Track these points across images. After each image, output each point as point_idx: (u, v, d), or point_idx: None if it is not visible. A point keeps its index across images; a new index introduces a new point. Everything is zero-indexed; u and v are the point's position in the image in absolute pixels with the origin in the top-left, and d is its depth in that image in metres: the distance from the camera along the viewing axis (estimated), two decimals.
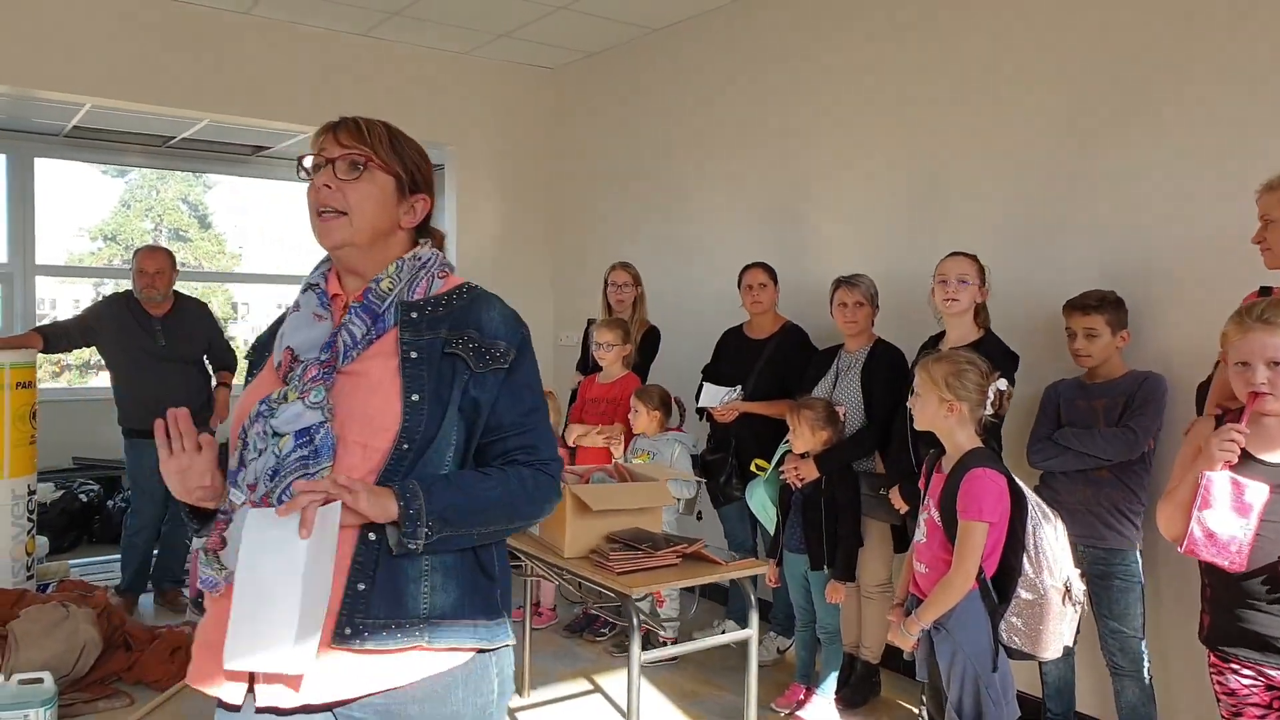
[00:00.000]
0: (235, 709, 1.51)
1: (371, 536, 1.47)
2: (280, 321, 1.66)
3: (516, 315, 1.63)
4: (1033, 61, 3.72)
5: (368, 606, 1.45)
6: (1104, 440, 3.08)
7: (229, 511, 1.52)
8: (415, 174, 1.61)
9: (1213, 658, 2.18)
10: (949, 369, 2.62)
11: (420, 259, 1.61)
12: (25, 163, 6.52)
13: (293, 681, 1.44)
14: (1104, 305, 3.16)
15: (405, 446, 1.48)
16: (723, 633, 4.32)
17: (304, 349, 1.54)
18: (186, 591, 4.82)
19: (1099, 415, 3.16)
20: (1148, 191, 3.37)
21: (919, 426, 2.70)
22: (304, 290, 1.64)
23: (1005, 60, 3.82)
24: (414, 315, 1.55)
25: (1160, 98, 3.34)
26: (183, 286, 4.92)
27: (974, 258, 3.42)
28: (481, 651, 1.55)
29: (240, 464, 1.51)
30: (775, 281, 4.31)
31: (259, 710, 1.49)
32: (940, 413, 2.61)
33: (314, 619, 1.39)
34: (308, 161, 1.57)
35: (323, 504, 1.42)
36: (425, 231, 1.67)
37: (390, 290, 1.56)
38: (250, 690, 1.48)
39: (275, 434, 1.47)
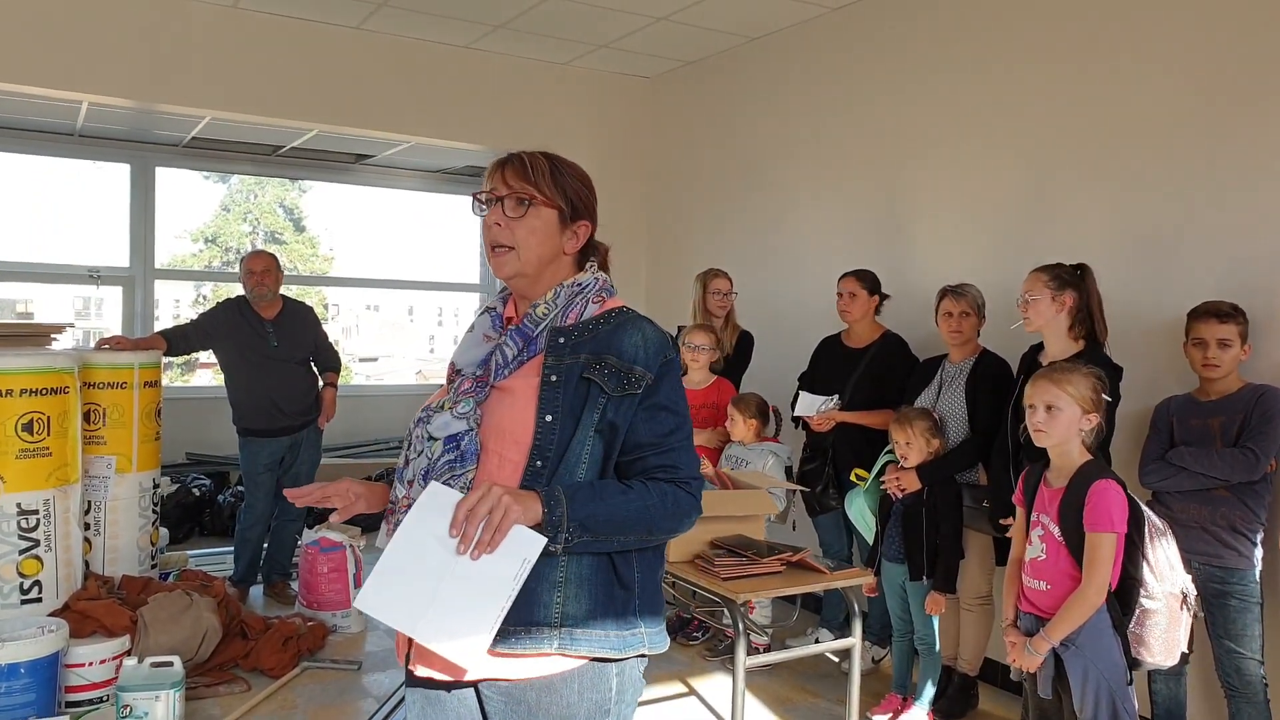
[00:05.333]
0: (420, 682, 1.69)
1: None
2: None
3: (663, 340, 1.68)
4: (1143, 66, 3.66)
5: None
6: (1222, 461, 3.02)
7: (395, 502, 1.69)
8: (576, 203, 1.71)
9: None
10: (1089, 381, 2.63)
11: (580, 285, 1.71)
12: (147, 172, 6.79)
13: (442, 663, 1.59)
14: (1238, 314, 3.10)
15: (539, 463, 1.59)
16: (816, 641, 4.34)
17: (466, 365, 1.71)
18: (294, 585, 5.01)
19: (1215, 434, 3.10)
20: (1268, 199, 3.30)
21: (1048, 443, 2.66)
22: (480, 313, 1.79)
23: (1114, 64, 3.76)
24: (561, 340, 1.65)
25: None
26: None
27: (1050, 268, 3.35)
28: (607, 660, 1.61)
29: (405, 463, 1.69)
30: (870, 291, 4.28)
31: (417, 680, 1.69)
32: (1078, 425, 2.61)
33: (478, 621, 1.47)
34: (483, 198, 1.70)
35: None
36: (591, 251, 1.77)
37: (545, 315, 1.67)
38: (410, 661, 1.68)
39: (431, 438, 1.65)
